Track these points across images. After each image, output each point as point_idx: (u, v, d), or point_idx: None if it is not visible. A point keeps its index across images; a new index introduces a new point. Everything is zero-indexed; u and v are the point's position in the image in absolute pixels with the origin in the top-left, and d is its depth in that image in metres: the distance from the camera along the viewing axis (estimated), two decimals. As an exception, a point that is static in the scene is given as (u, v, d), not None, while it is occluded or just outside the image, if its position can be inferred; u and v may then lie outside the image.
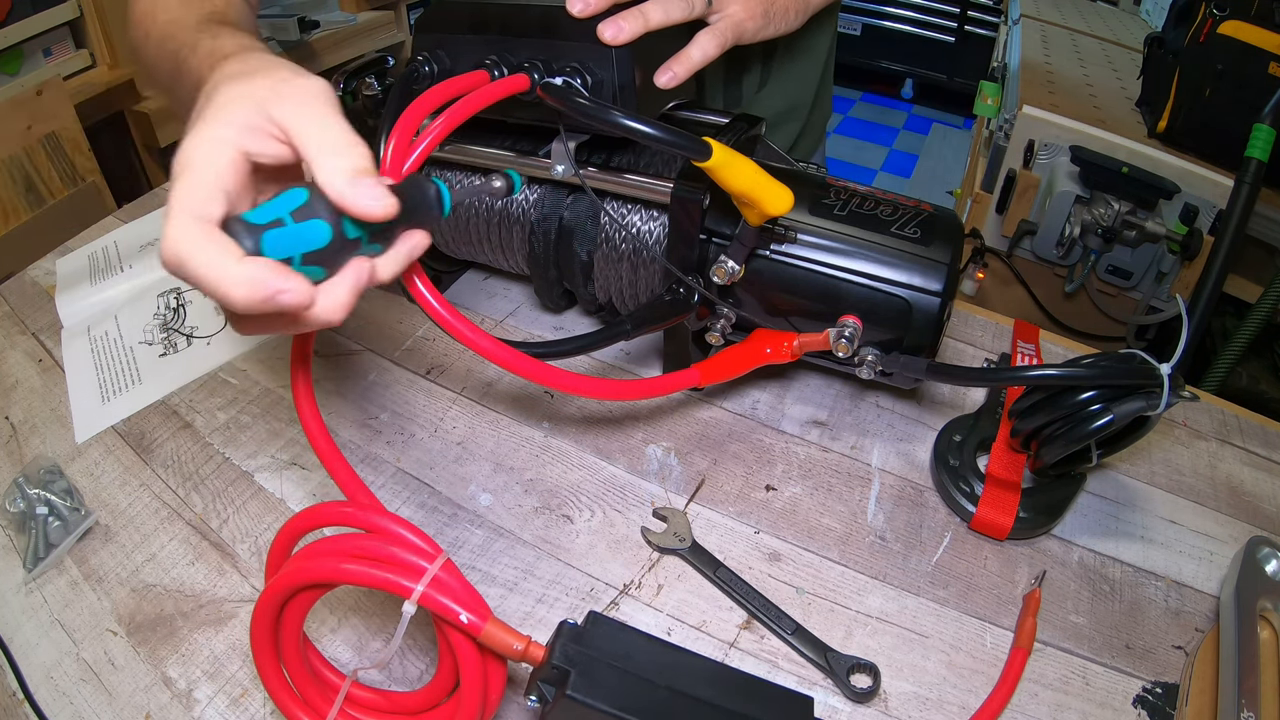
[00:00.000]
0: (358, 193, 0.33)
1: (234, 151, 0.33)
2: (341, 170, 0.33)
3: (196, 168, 0.32)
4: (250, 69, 0.37)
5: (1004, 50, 2.02)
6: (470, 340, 0.43)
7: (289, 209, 0.32)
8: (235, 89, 0.35)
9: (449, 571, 0.36)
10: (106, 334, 0.69)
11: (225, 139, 0.33)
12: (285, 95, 0.35)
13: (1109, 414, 0.46)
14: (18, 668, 0.46)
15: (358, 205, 0.33)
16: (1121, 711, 0.45)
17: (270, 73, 0.36)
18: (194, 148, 0.33)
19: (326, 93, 0.36)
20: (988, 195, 1.58)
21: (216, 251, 0.30)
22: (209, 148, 0.33)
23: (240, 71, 0.37)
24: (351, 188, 0.33)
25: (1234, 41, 1.28)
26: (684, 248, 0.54)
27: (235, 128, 0.34)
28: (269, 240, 0.31)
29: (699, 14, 0.54)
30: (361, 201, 0.33)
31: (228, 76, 0.37)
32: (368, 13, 1.92)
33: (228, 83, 0.36)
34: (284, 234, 0.32)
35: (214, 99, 0.35)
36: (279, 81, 0.35)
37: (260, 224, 0.32)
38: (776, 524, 0.54)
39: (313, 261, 0.33)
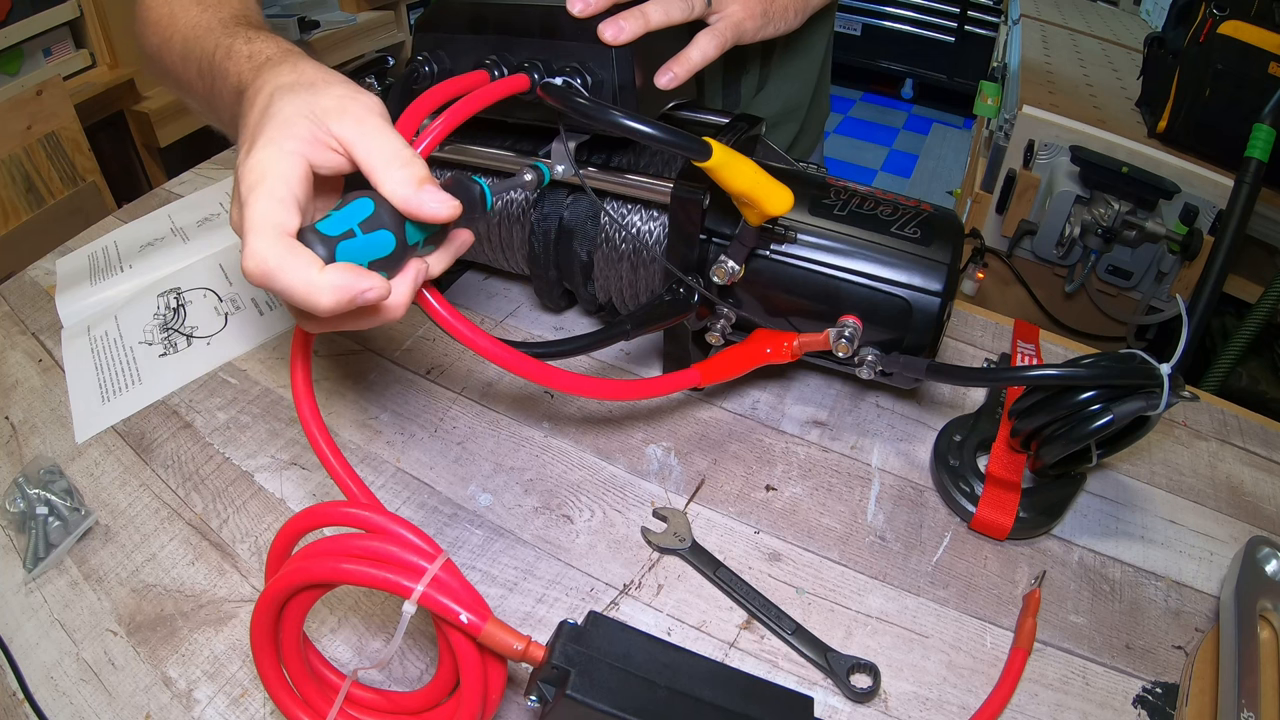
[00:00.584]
0: (423, 199, 0.36)
1: (304, 164, 0.35)
2: (406, 181, 0.35)
3: (271, 181, 0.34)
4: (306, 80, 0.38)
5: (1004, 50, 2.02)
6: (470, 340, 0.43)
7: (358, 220, 0.35)
8: (296, 103, 0.36)
9: (449, 571, 0.36)
10: (106, 334, 0.69)
11: (296, 152, 0.35)
12: (347, 111, 0.36)
13: (1109, 414, 0.46)
14: (18, 668, 0.46)
15: (424, 211, 0.36)
16: (1121, 711, 0.45)
17: (328, 88, 0.37)
18: (268, 161, 0.34)
19: (381, 108, 0.37)
20: (988, 195, 1.58)
21: (302, 263, 0.33)
22: (283, 161, 0.35)
23: (297, 83, 0.38)
24: (418, 196, 0.36)
25: (1234, 41, 1.28)
26: (684, 248, 0.54)
27: (303, 141, 0.35)
28: (342, 250, 0.34)
29: (698, 14, 0.54)
30: (428, 207, 0.36)
31: (285, 88, 0.38)
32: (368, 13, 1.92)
33: (287, 95, 0.37)
34: (355, 244, 0.35)
35: (276, 112, 0.36)
36: (341, 98, 0.37)
37: (334, 235, 0.35)
38: (776, 524, 0.54)
39: (378, 268, 0.36)
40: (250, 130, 0.37)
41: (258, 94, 0.38)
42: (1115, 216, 1.34)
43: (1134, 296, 1.47)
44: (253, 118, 0.37)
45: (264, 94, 0.38)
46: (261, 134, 0.35)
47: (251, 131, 0.36)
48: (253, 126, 0.37)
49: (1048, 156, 1.43)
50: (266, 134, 0.35)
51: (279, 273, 0.33)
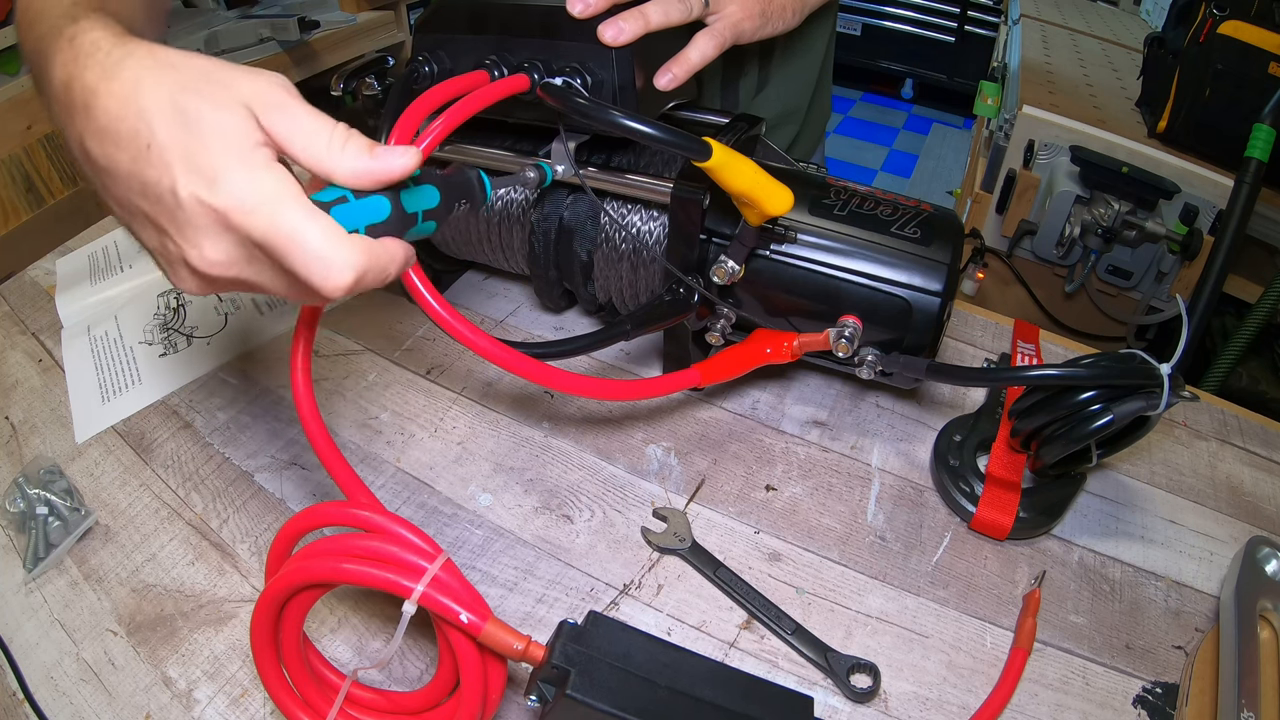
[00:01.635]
0: (378, 164, 0.33)
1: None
2: (353, 152, 0.32)
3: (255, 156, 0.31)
4: (187, 65, 0.32)
5: (1004, 50, 2.02)
6: (470, 340, 0.43)
7: (348, 189, 0.33)
8: (213, 97, 0.31)
9: (449, 571, 0.36)
10: (106, 334, 0.69)
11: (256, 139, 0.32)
12: (270, 99, 0.32)
13: (1109, 414, 0.46)
14: (18, 668, 0.46)
15: (392, 169, 0.33)
16: (1121, 711, 0.45)
17: (223, 72, 0.32)
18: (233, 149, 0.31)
19: (286, 84, 0.33)
20: (988, 195, 1.57)
21: (328, 229, 0.31)
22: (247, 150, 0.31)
23: (178, 67, 0.32)
24: (372, 161, 0.33)
25: (1234, 41, 1.28)
26: (684, 248, 0.54)
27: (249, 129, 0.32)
28: (337, 215, 0.32)
29: (697, 15, 0.54)
30: (386, 165, 0.33)
31: (173, 83, 0.31)
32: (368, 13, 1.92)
33: (191, 90, 0.31)
34: (349, 209, 0.33)
35: (196, 114, 0.31)
36: (251, 82, 0.32)
37: (327, 201, 0.33)
38: (776, 524, 0.54)
39: (378, 235, 0.34)
40: (144, 134, 0.31)
41: (128, 89, 0.31)
42: (1115, 216, 1.34)
43: (1134, 296, 1.47)
44: (139, 122, 0.31)
45: (144, 92, 0.31)
46: (208, 116, 0.31)
47: (153, 135, 0.31)
48: (153, 130, 0.31)
49: (1048, 156, 1.43)
50: (209, 123, 0.31)
51: (296, 230, 0.30)
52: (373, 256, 0.32)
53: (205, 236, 0.32)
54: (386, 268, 0.33)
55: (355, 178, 0.33)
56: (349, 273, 0.31)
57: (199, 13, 1.67)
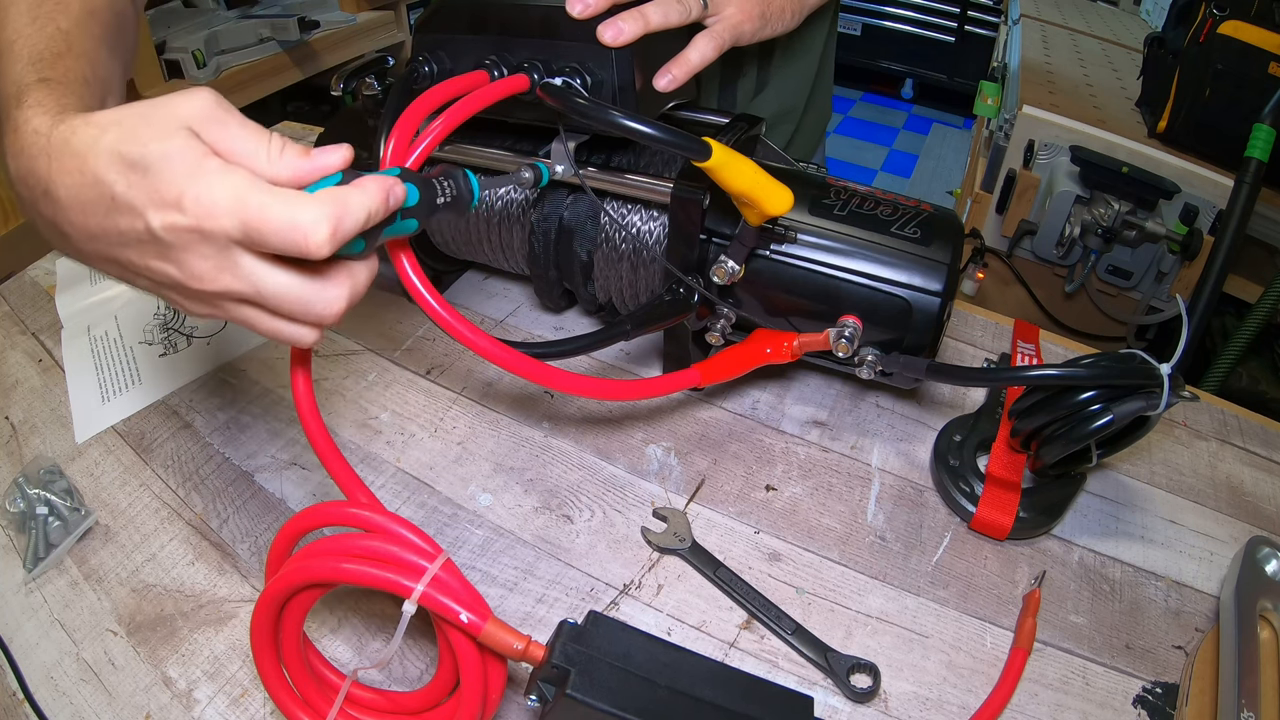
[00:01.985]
0: (313, 164, 0.34)
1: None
2: (290, 158, 0.33)
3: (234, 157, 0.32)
4: (121, 115, 0.33)
5: (1004, 50, 2.02)
6: (470, 341, 0.43)
7: (332, 184, 0.34)
8: (152, 131, 0.32)
9: (449, 571, 0.36)
10: (106, 334, 0.69)
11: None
12: (206, 119, 0.33)
13: (1109, 414, 0.46)
14: (18, 668, 0.46)
15: (329, 164, 0.34)
16: (1121, 711, 0.45)
17: (166, 101, 0.33)
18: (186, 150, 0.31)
19: (219, 99, 0.34)
20: (988, 195, 1.58)
21: (288, 195, 0.31)
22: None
23: (105, 124, 0.33)
24: (308, 162, 0.33)
25: (1234, 41, 1.28)
26: (684, 248, 0.54)
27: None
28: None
29: (696, 17, 0.54)
30: (330, 159, 0.34)
31: (122, 138, 0.32)
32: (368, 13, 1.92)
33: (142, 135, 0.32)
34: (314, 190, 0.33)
35: (128, 144, 0.31)
36: (199, 108, 0.33)
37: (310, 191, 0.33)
38: (776, 524, 0.54)
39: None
40: (122, 186, 0.32)
41: (76, 163, 0.32)
42: (1115, 216, 1.34)
43: (1134, 296, 1.47)
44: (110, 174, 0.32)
45: (91, 157, 0.32)
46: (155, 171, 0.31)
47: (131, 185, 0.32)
48: (123, 176, 0.32)
49: (1048, 156, 1.43)
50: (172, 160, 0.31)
51: (263, 208, 0.31)
52: (339, 201, 0.32)
53: (189, 254, 0.33)
54: (361, 205, 0.33)
55: (294, 179, 0.33)
56: (324, 223, 0.31)
57: (199, 13, 1.67)
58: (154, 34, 1.51)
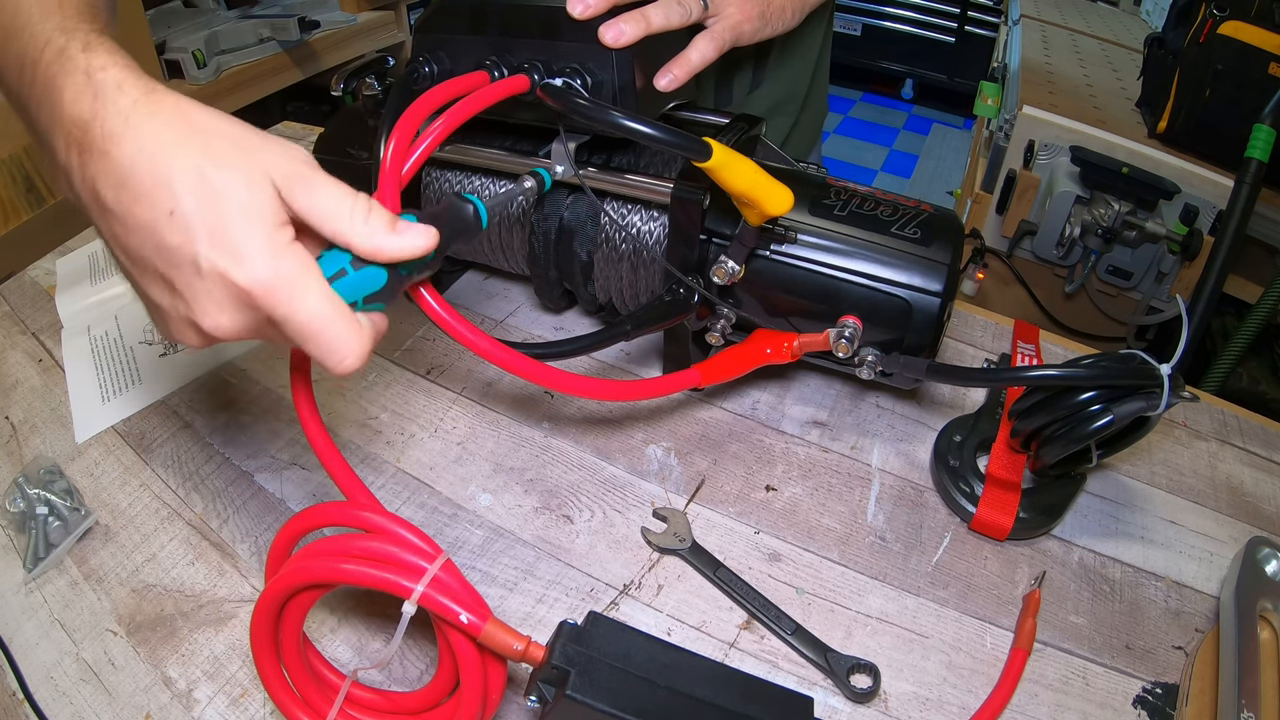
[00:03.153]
0: (402, 243, 0.35)
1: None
2: (379, 229, 0.34)
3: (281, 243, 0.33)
4: (210, 130, 0.32)
5: (1004, 50, 2.02)
6: (470, 341, 0.43)
7: (346, 261, 0.35)
8: (242, 166, 0.32)
9: (449, 571, 0.36)
10: (106, 334, 0.69)
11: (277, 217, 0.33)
12: (293, 173, 0.33)
13: (1109, 414, 0.46)
14: (18, 668, 0.46)
15: (404, 251, 0.35)
16: (1121, 712, 0.45)
17: (253, 141, 0.33)
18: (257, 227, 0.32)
19: (309, 158, 0.34)
20: (988, 195, 1.58)
21: (351, 323, 0.33)
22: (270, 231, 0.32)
23: (202, 134, 0.32)
24: (397, 241, 0.34)
25: (1234, 42, 1.28)
26: (684, 248, 0.54)
27: (272, 216, 0.32)
28: (338, 288, 0.34)
29: (696, 19, 0.55)
30: (408, 247, 0.35)
31: (199, 146, 0.32)
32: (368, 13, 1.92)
33: (215, 158, 0.31)
34: (348, 282, 0.35)
35: (224, 189, 0.31)
36: (276, 155, 0.33)
37: (330, 275, 0.34)
38: (776, 524, 0.54)
39: (374, 300, 0.36)
40: (162, 200, 0.31)
41: (154, 148, 0.31)
42: (1115, 217, 1.34)
43: (1134, 297, 1.47)
44: (154, 183, 0.31)
45: (172, 157, 0.31)
46: (220, 212, 0.31)
47: (176, 204, 0.31)
48: (179, 198, 0.31)
49: (1048, 157, 1.43)
50: (230, 214, 0.31)
51: (321, 322, 0.32)
52: (375, 338, 0.35)
53: (223, 309, 0.33)
54: (379, 341, 0.36)
55: (374, 252, 0.34)
56: (358, 361, 0.33)
57: (199, 13, 1.67)
58: (154, 34, 1.51)
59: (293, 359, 0.41)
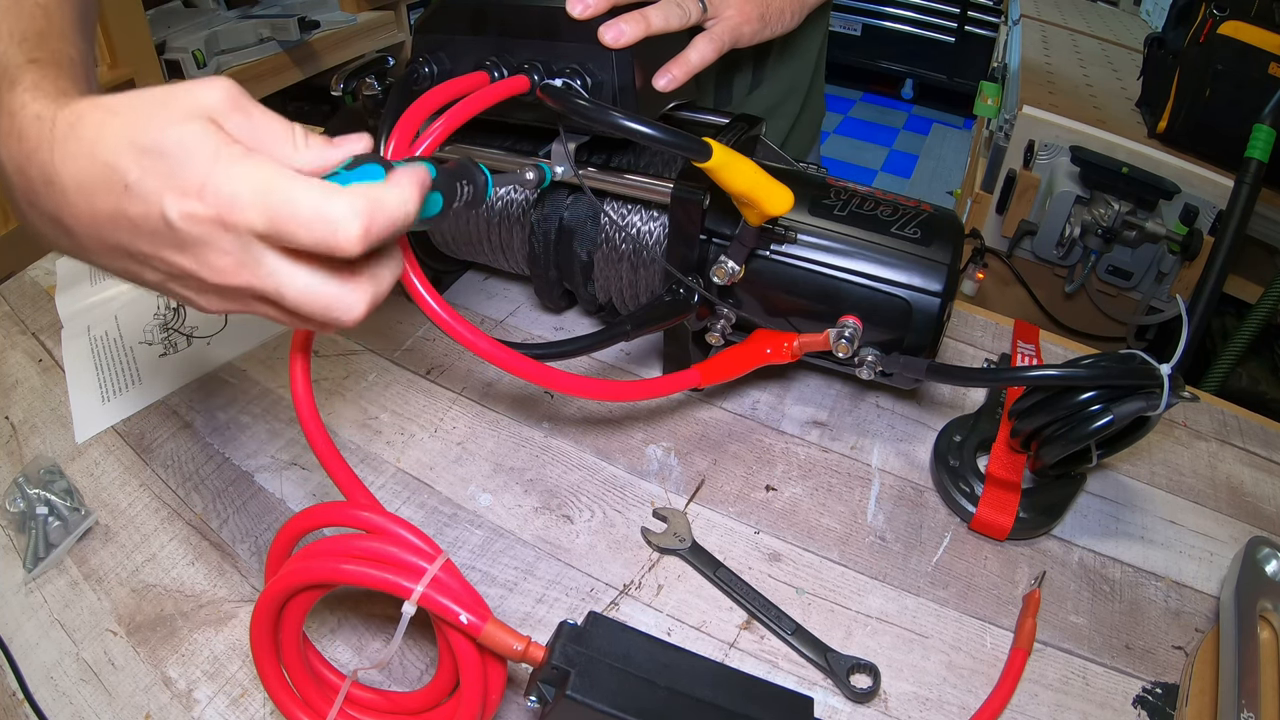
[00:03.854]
0: (339, 151, 0.33)
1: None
2: (315, 145, 0.33)
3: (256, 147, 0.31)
4: (134, 101, 0.31)
5: (1004, 50, 2.02)
6: (470, 342, 0.43)
7: (340, 167, 0.33)
8: (169, 116, 0.31)
9: (449, 572, 0.36)
10: (106, 334, 0.69)
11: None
12: (228, 108, 0.32)
13: (1109, 414, 0.46)
14: (18, 668, 0.46)
15: (353, 149, 0.33)
16: (1121, 712, 0.45)
17: (184, 90, 0.32)
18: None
19: (237, 87, 0.32)
20: (988, 195, 1.58)
21: (315, 186, 0.30)
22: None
23: (116, 109, 0.31)
24: (333, 151, 0.33)
25: (1234, 42, 1.28)
26: (684, 248, 0.54)
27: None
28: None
29: (695, 21, 0.54)
30: (347, 149, 0.33)
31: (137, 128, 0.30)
32: (368, 13, 1.92)
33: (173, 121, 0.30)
34: (339, 179, 0.32)
35: (146, 130, 0.30)
36: (220, 96, 0.32)
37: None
38: (776, 524, 0.54)
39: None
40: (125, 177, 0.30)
41: (86, 149, 0.31)
42: (1115, 216, 1.34)
43: (1134, 296, 1.47)
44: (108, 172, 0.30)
45: (103, 144, 0.31)
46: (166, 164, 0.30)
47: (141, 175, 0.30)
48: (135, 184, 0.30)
49: (1048, 156, 1.43)
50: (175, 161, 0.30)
51: (292, 199, 0.29)
52: (374, 198, 0.30)
53: (207, 247, 0.31)
54: (398, 205, 0.31)
55: (323, 167, 0.32)
56: (356, 219, 0.30)
57: (199, 13, 1.67)
58: (154, 34, 1.51)
59: (292, 357, 0.41)
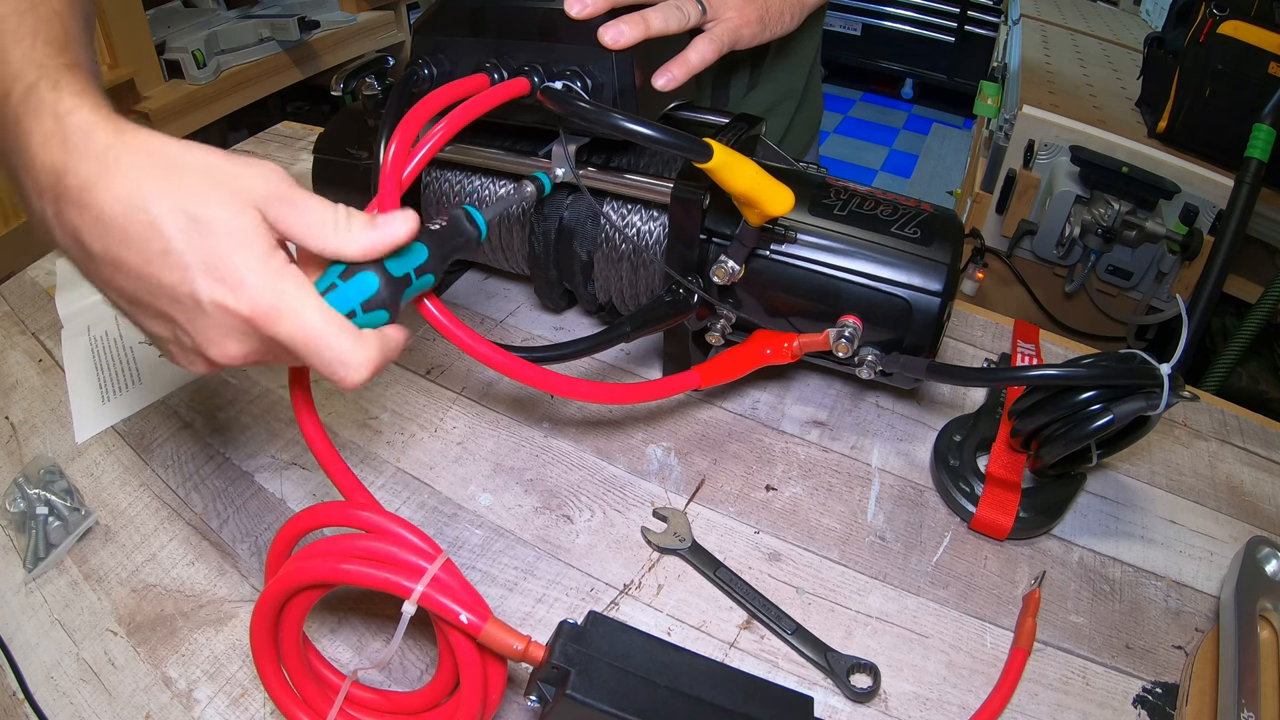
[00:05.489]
0: (383, 234, 0.35)
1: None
2: (363, 229, 0.35)
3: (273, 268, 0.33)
4: (182, 161, 0.32)
5: (1004, 50, 2.02)
6: (470, 347, 0.43)
7: (335, 275, 0.35)
8: (226, 198, 0.32)
9: (449, 571, 0.36)
10: (106, 334, 0.69)
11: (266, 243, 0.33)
12: (275, 198, 0.33)
13: (1109, 414, 0.46)
14: (18, 668, 0.46)
15: (390, 240, 0.35)
16: (1121, 711, 0.45)
17: (227, 165, 0.33)
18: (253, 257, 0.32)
19: (285, 176, 0.34)
20: (988, 195, 1.58)
21: (349, 334, 0.34)
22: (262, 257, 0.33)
23: (175, 167, 0.32)
24: (377, 233, 0.35)
25: (1234, 41, 1.28)
26: (684, 248, 0.54)
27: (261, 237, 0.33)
28: (331, 301, 0.34)
29: (695, 23, 0.54)
30: (390, 232, 0.35)
31: (177, 185, 0.31)
32: (368, 13, 1.92)
33: (199, 193, 0.32)
34: (339, 294, 0.35)
35: (202, 205, 0.31)
36: (253, 177, 0.33)
37: (321, 290, 0.35)
38: (776, 524, 0.54)
39: (373, 307, 0.36)
40: (156, 243, 0.31)
41: (131, 191, 0.31)
42: (1115, 216, 1.34)
43: (1134, 296, 1.47)
44: (145, 229, 0.31)
45: (151, 197, 0.31)
46: (211, 243, 0.31)
47: (172, 244, 0.31)
48: (174, 237, 0.31)
49: (1048, 156, 1.43)
50: (220, 244, 0.31)
51: (320, 338, 0.33)
52: (384, 351, 0.35)
53: (229, 337, 0.33)
54: (393, 354, 0.36)
55: (365, 252, 0.35)
56: (366, 370, 0.34)
57: (199, 13, 1.67)
58: (154, 34, 1.51)
59: (291, 370, 0.41)
